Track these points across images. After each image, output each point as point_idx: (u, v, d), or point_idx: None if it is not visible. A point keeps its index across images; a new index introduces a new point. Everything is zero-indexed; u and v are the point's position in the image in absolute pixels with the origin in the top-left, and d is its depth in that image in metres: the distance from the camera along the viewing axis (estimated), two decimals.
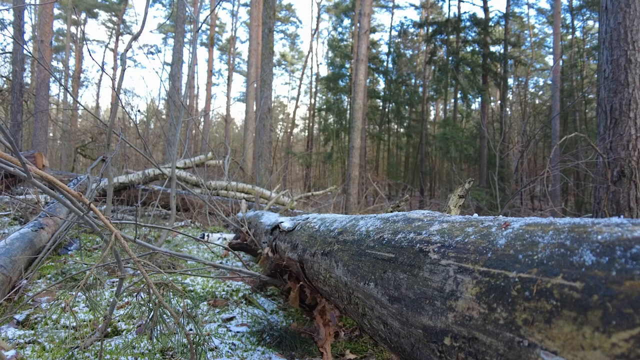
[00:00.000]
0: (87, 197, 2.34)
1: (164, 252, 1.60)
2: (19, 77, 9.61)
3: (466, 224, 0.59)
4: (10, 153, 1.08)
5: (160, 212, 5.10)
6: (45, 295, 1.78)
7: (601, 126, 3.91)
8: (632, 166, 3.61)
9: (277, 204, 6.03)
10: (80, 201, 1.14)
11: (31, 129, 11.85)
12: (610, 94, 3.77)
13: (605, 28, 3.86)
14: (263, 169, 9.88)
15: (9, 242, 1.92)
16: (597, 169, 3.99)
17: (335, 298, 1.00)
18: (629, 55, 3.66)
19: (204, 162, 6.64)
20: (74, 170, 10.98)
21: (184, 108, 2.87)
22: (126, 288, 1.67)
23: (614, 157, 3.70)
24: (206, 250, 3.03)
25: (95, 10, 26.66)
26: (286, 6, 29.05)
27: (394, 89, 21.57)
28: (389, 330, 0.67)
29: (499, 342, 0.40)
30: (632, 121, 3.64)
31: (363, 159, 15.56)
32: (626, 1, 3.68)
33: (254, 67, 16.49)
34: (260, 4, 14.96)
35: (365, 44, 12.20)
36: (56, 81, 17.74)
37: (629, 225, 0.35)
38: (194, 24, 11.92)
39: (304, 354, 1.37)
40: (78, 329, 1.42)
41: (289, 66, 33.20)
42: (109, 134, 2.00)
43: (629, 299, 0.29)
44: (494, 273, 0.44)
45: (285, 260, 1.47)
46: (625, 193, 3.63)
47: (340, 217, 1.16)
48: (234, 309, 1.76)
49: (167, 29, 27.02)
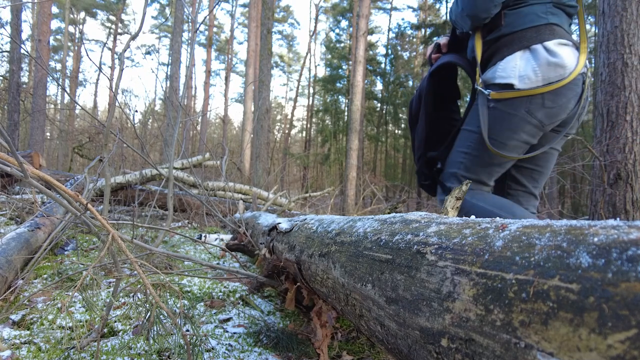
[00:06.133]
0: (84, 197, 2.34)
1: (161, 252, 1.60)
2: (16, 76, 9.58)
3: (463, 225, 0.59)
4: (7, 152, 1.08)
5: (157, 212, 5.09)
6: (42, 296, 1.77)
7: (598, 129, 3.93)
8: (629, 169, 3.63)
9: (275, 205, 6.03)
10: (77, 201, 1.14)
11: (28, 129, 11.81)
12: (607, 97, 3.79)
13: (602, 31, 3.88)
14: (261, 170, 9.87)
15: (5, 242, 1.91)
16: (593, 171, 4.01)
17: (333, 299, 1.00)
18: (626, 59, 3.68)
19: (202, 163, 6.63)
20: (71, 170, 10.95)
21: (181, 108, 2.87)
22: (123, 288, 1.67)
23: (611, 159, 3.72)
24: (203, 251, 3.03)
25: (93, 9, 26.60)
26: (284, 7, 29.09)
27: (392, 90, 21.61)
28: (386, 331, 0.67)
29: (495, 343, 0.40)
30: (629, 124, 3.66)
31: (360, 160, 15.58)
32: (623, 5, 3.70)
33: (252, 67, 16.50)
34: (259, 5, 14.97)
35: (363, 45, 12.22)
36: (54, 81, 17.69)
37: (625, 227, 0.36)
38: (192, 24, 11.93)
39: (300, 355, 1.37)
40: (74, 330, 1.42)
41: (286, 67, 33.23)
42: (107, 134, 2.00)
43: (624, 301, 0.30)
44: (491, 275, 0.44)
45: (282, 262, 1.47)
46: (621, 196, 3.65)
47: (337, 219, 1.16)
48: (231, 310, 1.75)
49: (163, 29, 26.98)
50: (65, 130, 15.06)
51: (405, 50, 24.99)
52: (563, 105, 1.50)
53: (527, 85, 1.47)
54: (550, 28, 1.49)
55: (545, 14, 1.50)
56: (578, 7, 1.57)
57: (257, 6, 15.93)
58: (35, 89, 10.12)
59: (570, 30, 1.58)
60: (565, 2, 1.53)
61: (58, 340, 1.35)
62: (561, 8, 1.53)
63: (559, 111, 1.50)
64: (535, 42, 1.48)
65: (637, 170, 3.61)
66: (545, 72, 1.45)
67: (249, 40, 16.90)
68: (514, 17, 1.54)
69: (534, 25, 1.49)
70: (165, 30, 27.30)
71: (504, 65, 1.52)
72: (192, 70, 23.29)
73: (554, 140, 1.63)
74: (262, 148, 10.03)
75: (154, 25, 27.69)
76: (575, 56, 1.48)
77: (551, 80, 1.45)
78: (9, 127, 9.20)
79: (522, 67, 1.48)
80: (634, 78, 3.65)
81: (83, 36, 27.91)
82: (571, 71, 1.46)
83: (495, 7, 1.54)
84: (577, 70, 1.46)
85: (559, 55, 1.44)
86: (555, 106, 1.49)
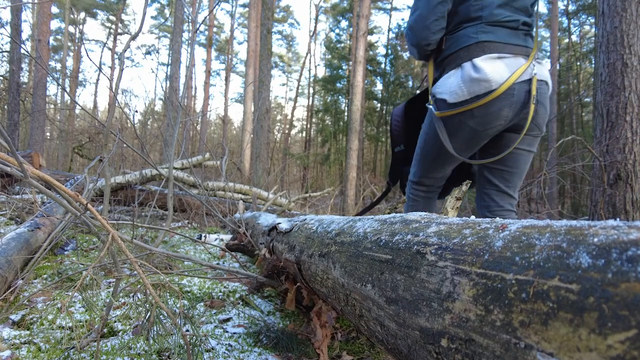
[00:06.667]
0: (84, 197, 2.33)
1: (161, 252, 1.60)
2: (16, 76, 9.58)
3: (463, 226, 0.59)
4: (7, 152, 1.08)
5: (157, 212, 5.09)
6: (42, 296, 1.77)
7: (598, 129, 3.93)
8: (629, 169, 3.63)
9: (275, 205, 6.03)
10: (77, 201, 1.14)
11: (28, 129, 11.81)
12: (607, 98, 3.79)
13: (602, 32, 3.88)
14: (261, 170, 9.87)
15: (5, 242, 1.91)
16: (593, 171, 4.01)
17: (333, 299, 1.00)
18: (625, 59, 3.68)
19: (202, 163, 6.63)
20: (71, 170, 10.95)
21: (181, 108, 2.87)
22: (123, 288, 1.67)
23: (611, 160, 3.72)
24: (203, 251, 3.03)
25: (93, 10, 26.60)
26: (284, 7, 29.09)
27: (392, 90, 21.60)
28: (386, 331, 0.67)
29: (495, 343, 0.40)
30: (629, 124, 3.66)
31: (360, 160, 15.58)
32: (622, 5, 3.70)
33: (252, 68, 16.50)
34: (259, 5, 14.98)
35: (363, 45, 12.22)
36: (54, 81, 17.68)
37: (625, 227, 0.36)
38: (192, 24, 11.92)
39: (300, 356, 1.37)
40: (74, 330, 1.42)
41: (286, 67, 33.23)
42: (107, 134, 2.00)
43: (624, 301, 0.30)
44: (491, 275, 0.44)
45: (282, 262, 1.47)
46: (621, 196, 3.65)
47: (337, 219, 1.16)
48: (231, 310, 1.75)
49: (163, 29, 26.98)
50: (65, 130, 15.05)
51: (405, 51, 24.98)
52: (494, 113, 1.63)
53: (456, 99, 1.65)
54: (480, 46, 1.64)
55: (476, 34, 1.66)
56: (521, 20, 1.69)
57: (257, 6, 15.92)
58: (35, 89, 10.11)
59: (523, 40, 1.70)
60: (501, 19, 1.66)
61: (58, 340, 1.35)
62: (497, 25, 1.67)
63: (492, 118, 1.64)
64: (465, 60, 1.64)
65: (637, 170, 3.61)
66: (470, 87, 1.61)
67: (249, 41, 16.90)
68: (452, 40, 1.73)
69: (465, 45, 1.67)
70: (165, 30, 27.30)
71: (441, 82, 1.73)
72: (192, 70, 23.31)
73: (515, 141, 1.74)
74: (262, 148, 10.03)
75: (153, 26, 27.70)
76: (509, 68, 1.61)
77: (478, 93, 1.60)
78: (9, 127, 9.20)
79: (452, 83, 1.66)
80: (634, 78, 3.65)
81: (83, 36, 27.92)
82: (500, 83, 1.58)
83: (433, 35, 1.73)
84: (510, 80, 1.58)
85: (482, 70, 1.58)
86: (485, 114, 1.63)
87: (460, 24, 1.72)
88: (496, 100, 1.60)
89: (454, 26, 1.74)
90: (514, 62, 1.62)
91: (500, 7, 1.66)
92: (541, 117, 1.73)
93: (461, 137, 1.72)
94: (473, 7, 1.68)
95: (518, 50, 1.65)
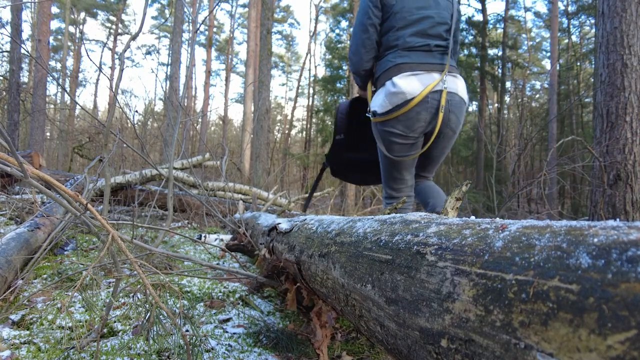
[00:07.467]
0: (84, 197, 2.33)
1: (160, 252, 1.60)
2: (16, 76, 9.58)
3: (463, 226, 0.59)
4: (7, 152, 1.08)
5: (157, 212, 5.09)
6: (41, 296, 1.77)
7: (597, 130, 3.93)
8: (628, 170, 3.63)
9: (275, 205, 6.03)
10: (77, 201, 1.14)
11: (28, 129, 11.80)
12: (607, 98, 3.79)
13: (602, 32, 3.88)
14: (260, 170, 9.88)
15: (5, 242, 1.91)
16: (593, 172, 4.01)
17: (332, 300, 1.00)
18: (625, 60, 3.68)
19: (202, 163, 6.63)
20: (71, 170, 10.94)
21: (181, 108, 2.87)
22: (123, 289, 1.67)
23: (610, 160, 3.72)
24: (203, 251, 3.02)
25: (94, 10, 26.59)
26: (284, 7, 29.09)
27: None
28: (386, 332, 0.67)
29: (495, 344, 0.40)
30: (628, 125, 3.66)
31: None
32: (622, 6, 3.70)
33: (251, 68, 16.50)
34: (259, 5, 14.97)
35: None
36: (54, 81, 17.68)
37: (624, 228, 0.36)
38: (192, 24, 11.94)
39: (300, 356, 1.37)
40: (74, 330, 1.42)
41: (286, 67, 33.23)
42: (107, 134, 2.00)
43: (624, 301, 0.30)
44: (491, 275, 0.44)
45: (282, 262, 1.47)
46: (621, 196, 3.65)
47: (337, 219, 1.16)
48: (231, 310, 1.75)
49: (163, 29, 26.97)
50: (65, 130, 15.04)
51: None
52: (414, 117, 2.04)
53: (383, 109, 2.07)
54: (397, 67, 2.04)
55: (394, 59, 2.06)
56: (433, 43, 2.07)
57: (257, 6, 15.92)
58: (35, 89, 10.11)
59: (439, 59, 2.09)
60: (413, 45, 2.05)
61: (58, 340, 1.35)
62: (411, 50, 2.06)
63: (413, 122, 2.05)
64: (387, 80, 2.06)
65: (637, 171, 3.61)
66: (391, 99, 2.04)
67: (249, 41, 16.89)
68: (379, 66, 2.17)
69: (387, 68, 2.08)
70: (165, 30, 27.30)
71: (374, 98, 2.17)
72: (192, 71, 23.31)
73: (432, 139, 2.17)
74: (262, 148, 10.03)
75: (154, 26, 27.69)
76: (422, 82, 2.00)
77: (397, 103, 2.02)
78: (9, 127, 9.20)
79: (379, 98, 2.10)
80: (634, 79, 3.65)
81: (83, 36, 27.92)
82: (414, 94, 1.99)
83: (366, 63, 2.17)
84: (425, 91, 1.99)
85: (398, 86, 2.00)
86: (407, 119, 2.04)
87: (383, 52, 2.14)
88: (415, 107, 2.01)
89: (379, 54, 2.17)
90: (427, 77, 2.02)
91: (412, 36, 2.06)
92: (453, 123, 2.13)
93: (396, 140, 2.12)
94: (391, 37, 2.09)
95: (432, 68, 2.04)
